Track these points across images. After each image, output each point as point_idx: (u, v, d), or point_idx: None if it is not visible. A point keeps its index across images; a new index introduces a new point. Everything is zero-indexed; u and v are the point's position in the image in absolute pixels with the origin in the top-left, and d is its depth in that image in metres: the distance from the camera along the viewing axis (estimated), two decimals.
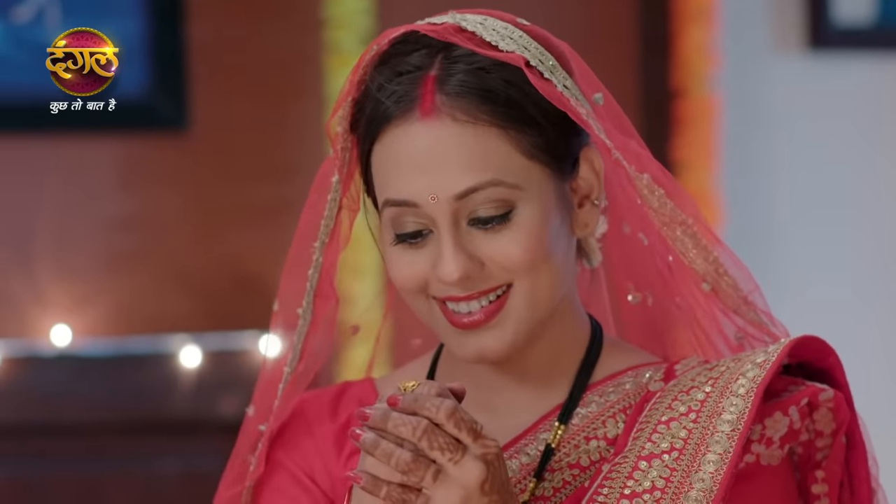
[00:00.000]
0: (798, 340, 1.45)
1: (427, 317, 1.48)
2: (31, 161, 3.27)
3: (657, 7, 3.40)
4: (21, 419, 3.14)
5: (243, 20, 3.33)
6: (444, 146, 1.43)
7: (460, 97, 1.43)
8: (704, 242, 1.51)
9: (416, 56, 1.46)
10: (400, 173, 1.44)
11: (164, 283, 3.28)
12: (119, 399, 3.15)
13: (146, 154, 3.30)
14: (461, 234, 1.44)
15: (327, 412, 1.55)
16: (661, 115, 3.38)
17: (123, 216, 3.29)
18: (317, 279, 1.54)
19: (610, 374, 1.52)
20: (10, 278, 3.23)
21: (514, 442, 1.49)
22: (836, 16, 3.44)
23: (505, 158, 1.44)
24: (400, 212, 1.45)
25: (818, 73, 3.47)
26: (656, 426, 1.43)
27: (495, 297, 1.45)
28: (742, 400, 1.42)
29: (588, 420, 1.49)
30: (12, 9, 3.21)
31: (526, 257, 1.43)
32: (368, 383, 1.58)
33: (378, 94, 1.45)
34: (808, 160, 3.48)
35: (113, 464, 3.17)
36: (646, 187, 1.49)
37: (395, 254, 1.47)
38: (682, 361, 1.52)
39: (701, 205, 3.36)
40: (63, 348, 3.18)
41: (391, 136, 1.45)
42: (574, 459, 1.47)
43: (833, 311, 3.47)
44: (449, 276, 1.43)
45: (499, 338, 1.45)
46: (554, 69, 1.47)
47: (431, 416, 1.34)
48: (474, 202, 1.43)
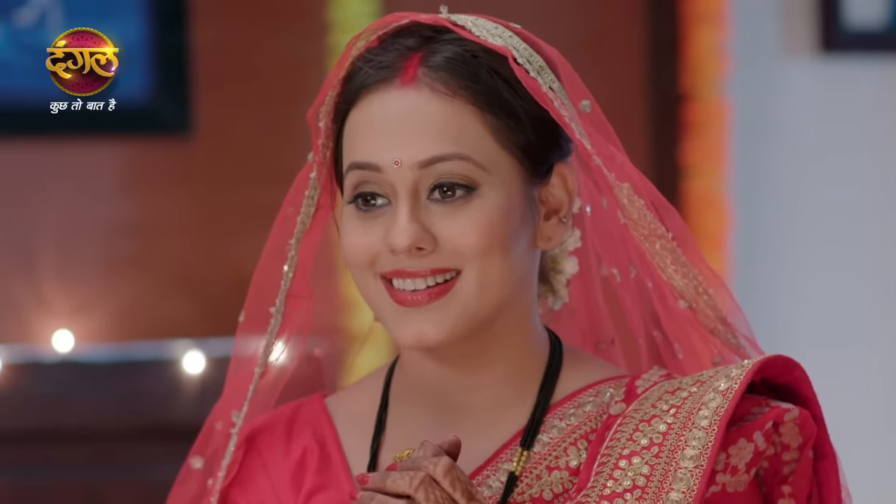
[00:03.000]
0: (761, 362, 1.42)
1: (373, 297, 1.45)
2: (33, 165, 3.27)
3: (666, 10, 3.39)
4: (23, 425, 3.13)
5: (247, 24, 3.32)
6: (417, 114, 1.42)
7: (442, 70, 1.43)
8: (684, 259, 1.49)
9: (406, 39, 1.46)
10: (368, 136, 1.43)
11: (167, 288, 3.28)
12: (122, 405, 3.14)
13: (149, 158, 3.29)
14: (419, 207, 1.43)
15: (281, 446, 1.53)
16: (670, 120, 3.37)
17: (126, 221, 3.29)
18: (291, 277, 1.52)
19: (570, 392, 1.49)
20: (12, 283, 3.23)
21: (475, 473, 1.46)
22: (847, 18, 3.43)
23: (477, 139, 1.43)
24: (362, 176, 1.43)
25: (829, 76, 3.46)
26: (617, 461, 1.40)
27: (443, 280, 1.43)
28: (705, 433, 1.39)
29: (549, 447, 1.46)
30: (14, 12, 3.19)
31: (481, 242, 1.42)
32: (319, 404, 1.55)
33: (362, 64, 1.45)
34: (819, 164, 3.47)
35: (115, 470, 3.16)
36: (626, 197, 1.47)
37: (350, 222, 1.45)
38: (643, 376, 1.49)
39: (710, 210, 3.36)
40: (65, 354, 3.16)
41: (367, 101, 1.44)
42: (536, 492, 1.44)
43: (844, 317, 3.45)
44: (399, 242, 1.41)
45: (439, 322, 1.42)
46: (541, 70, 1.47)
47: (429, 472, 1.34)
48: (437, 172, 1.42)
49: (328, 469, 1.50)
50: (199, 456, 1.57)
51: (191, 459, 1.57)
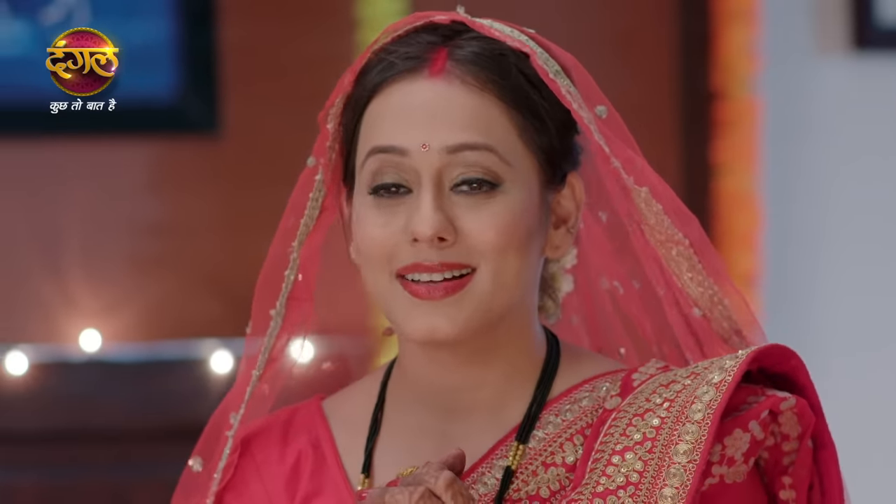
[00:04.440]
0: (756, 352, 1.41)
1: (383, 292, 1.43)
2: (60, 164, 3.27)
3: (697, 7, 3.38)
4: (50, 425, 3.13)
5: (275, 22, 3.31)
6: (447, 103, 1.41)
7: (472, 64, 1.42)
8: (700, 267, 1.48)
9: (428, 35, 1.45)
10: (395, 121, 1.42)
11: (195, 287, 3.27)
12: (149, 405, 3.14)
13: (176, 157, 3.29)
14: (443, 197, 1.41)
15: (276, 451, 1.52)
16: (702, 118, 3.35)
17: (153, 220, 3.28)
18: (293, 280, 1.51)
19: (566, 388, 1.48)
20: (39, 282, 3.23)
21: (470, 471, 1.44)
22: (881, 15, 3.40)
23: (504, 135, 1.42)
24: (385, 161, 1.42)
25: (862, 74, 3.43)
26: (611, 457, 1.38)
27: (459, 275, 1.41)
28: (698, 427, 1.37)
29: (545, 443, 1.45)
30: (41, 10, 3.19)
31: (500, 239, 1.41)
32: (316, 407, 1.54)
33: (385, 55, 1.44)
34: (852, 163, 3.44)
35: (142, 470, 3.16)
36: (643, 201, 1.46)
37: (368, 212, 1.43)
38: (640, 369, 1.47)
39: (741, 209, 3.34)
40: (92, 354, 3.16)
41: (393, 89, 1.42)
42: (533, 490, 1.43)
43: (877, 317, 3.43)
44: (423, 230, 1.39)
45: (453, 317, 1.41)
46: (558, 74, 1.46)
47: (430, 486, 1.33)
48: (464, 162, 1.41)
49: (323, 473, 1.49)
50: (199, 457, 1.56)
51: (191, 461, 1.57)
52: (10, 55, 3.21)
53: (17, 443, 3.15)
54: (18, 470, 3.15)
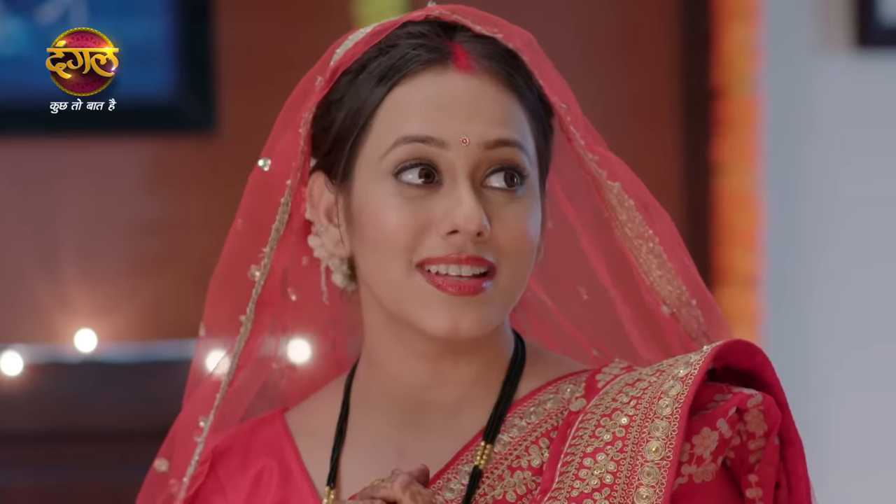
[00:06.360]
0: (720, 347, 1.40)
1: (396, 285, 1.41)
2: (55, 163, 3.27)
3: (698, 5, 3.38)
4: (45, 425, 3.13)
5: (273, 20, 3.31)
6: (483, 98, 1.41)
7: (494, 62, 1.43)
8: (669, 265, 1.47)
9: (426, 27, 1.44)
10: (430, 112, 1.40)
11: (191, 287, 3.26)
12: (145, 405, 3.14)
13: (173, 157, 3.28)
14: (478, 192, 1.41)
15: (237, 464, 1.52)
16: (702, 116, 3.35)
17: (150, 220, 3.28)
18: (262, 285, 1.49)
19: (530, 391, 1.47)
20: (34, 282, 3.23)
21: (436, 478, 1.43)
22: (884, 13, 3.40)
23: (527, 133, 1.43)
24: (418, 150, 1.40)
25: (864, 72, 3.42)
26: (582, 460, 1.37)
27: (481, 273, 1.41)
28: (667, 422, 1.36)
29: (510, 447, 1.43)
30: (37, 9, 3.18)
31: (523, 239, 1.41)
32: (279, 421, 1.53)
33: (400, 43, 1.42)
34: (854, 162, 3.44)
35: (138, 471, 3.13)
36: (615, 197, 1.46)
37: (391, 199, 1.41)
38: (604, 370, 1.46)
39: (742, 208, 3.33)
40: (88, 354, 3.16)
41: (423, 78, 1.41)
42: (500, 494, 1.42)
43: (879, 316, 3.42)
44: (466, 224, 1.38)
45: (476, 316, 1.40)
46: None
47: (387, 493, 1.33)
48: (499, 157, 1.40)
49: (289, 486, 1.49)
50: (164, 458, 1.57)
51: (156, 462, 1.58)
52: (5, 54, 3.20)
53: (12, 443, 3.15)
54: (13, 470, 3.15)
